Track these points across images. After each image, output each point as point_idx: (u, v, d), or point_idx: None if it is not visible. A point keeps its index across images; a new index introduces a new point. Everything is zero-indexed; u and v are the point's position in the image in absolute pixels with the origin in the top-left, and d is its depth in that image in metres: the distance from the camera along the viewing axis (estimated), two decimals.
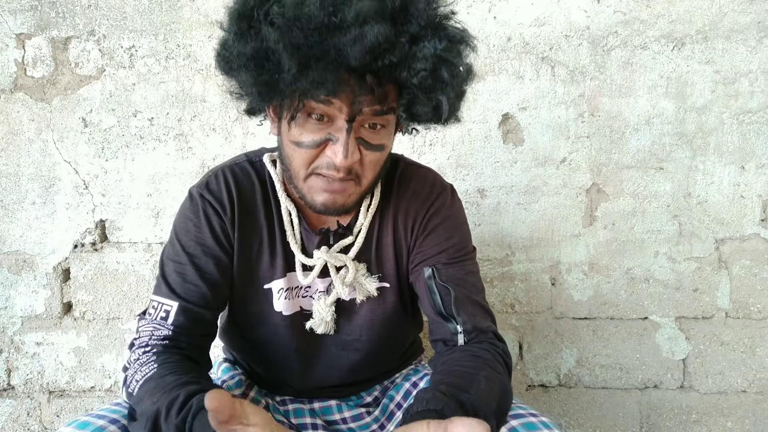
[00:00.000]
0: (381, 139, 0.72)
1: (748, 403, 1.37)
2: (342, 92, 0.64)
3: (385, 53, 0.61)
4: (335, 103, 0.65)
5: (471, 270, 0.83)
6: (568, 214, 1.36)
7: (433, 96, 0.67)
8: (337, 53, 0.60)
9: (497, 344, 0.77)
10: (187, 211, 0.81)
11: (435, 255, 0.81)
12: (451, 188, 0.88)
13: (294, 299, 0.85)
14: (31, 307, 1.42)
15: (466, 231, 0.87)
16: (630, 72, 1.31)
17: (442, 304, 0.79)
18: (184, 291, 0.76)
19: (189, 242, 0.79)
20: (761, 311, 1.35)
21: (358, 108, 0.65)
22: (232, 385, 0.92)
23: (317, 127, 0.68)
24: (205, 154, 1.37)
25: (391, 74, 0.64)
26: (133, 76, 1.35)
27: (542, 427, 0.67)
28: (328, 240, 0.83)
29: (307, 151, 0.70)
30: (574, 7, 1.30)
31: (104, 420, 0.67)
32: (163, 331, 0.74)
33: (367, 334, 0.86)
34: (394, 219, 0.84)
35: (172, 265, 0.78)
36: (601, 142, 1.33)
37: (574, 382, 1.40)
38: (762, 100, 1.29)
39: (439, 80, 0.65)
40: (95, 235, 1.40)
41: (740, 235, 1.33)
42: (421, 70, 0.63)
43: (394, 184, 0.85)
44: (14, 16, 1.34)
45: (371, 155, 0.71)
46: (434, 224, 0.83)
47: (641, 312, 1.37)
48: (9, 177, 1.39)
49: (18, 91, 1.36)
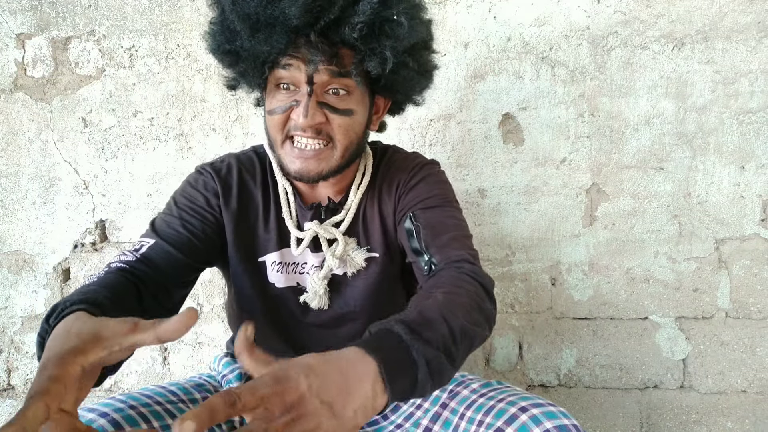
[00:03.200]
0: (347, 104, 0.78)
1: (748, 403, 1.37)
2: (297, 54, 0.73)
3: (323, 11, 0.69)
4: (293, 65, 0.74)
5: (452, 215, 0.84)
6: (568, 214, 1.36)
7: (377, 50, 0.73)
8: (283, 16, 0.68)
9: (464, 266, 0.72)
10: (189, 179, 0.90)
11: (414, 204, 0.85)
12: (435, 162, 0.94)
13: (290, 275, 0.90)
14: (31, 307, 1.42)
15: (449, 189, 0.90)
16: (630, 72, 1.31)
17: (417, 241, 0.81)
18: (165, 234, 0.80)
19: (181, 199, 0.86)
20: (761, 311, 1.35)
21: (314, 67, 0.73)
22: (232, 378, 0.92)
23: (285, 96, 0.77)
24: (205, 154, 1.37)
25: (337, 33, 0.71)
26: (133, 76, 1.36)
27: (562, 417, 0.67)
28: (320, 215, 0.88)
29: (278, 117, 0.78)
30: (574, 7, 1.30)
31: (94, 413, 0.66)
32: (128, 257, 0.75)
33: (361, 305, 0.90)
34: (379, 192, 0.90)
35: (160, 216, 0.85)
36: (601, 142, 1.33)
37: (574, 382, 1.40)
38: (762, 100, 1.29)
39: (381, 33, 0.72)
40: (95, 235, 1.40)
41: (740, 235, 1.33)
42: (358, 23, 0.70)
43: (381, 166, 0.92)
44: (14, 16, 1.34)
45: (339, 119, 0.77)
46: (415, 182, 0.88)
47: (641, 312, 1.37)
48: (9, 177, 1.39)
49: (18, 91, 1.36)
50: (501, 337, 1.40)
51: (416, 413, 0.85)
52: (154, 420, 0.71)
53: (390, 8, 0.71)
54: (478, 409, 0.73)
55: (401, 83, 0.81)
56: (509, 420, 0.67)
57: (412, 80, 0.82)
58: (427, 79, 0.86)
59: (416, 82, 0.84)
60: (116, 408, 0.68)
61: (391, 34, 0.72)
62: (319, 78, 0.74)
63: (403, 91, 0.85)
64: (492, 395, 0.74)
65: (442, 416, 0.78)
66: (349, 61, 0.75)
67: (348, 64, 0.75)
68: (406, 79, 0.80)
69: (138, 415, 0.69)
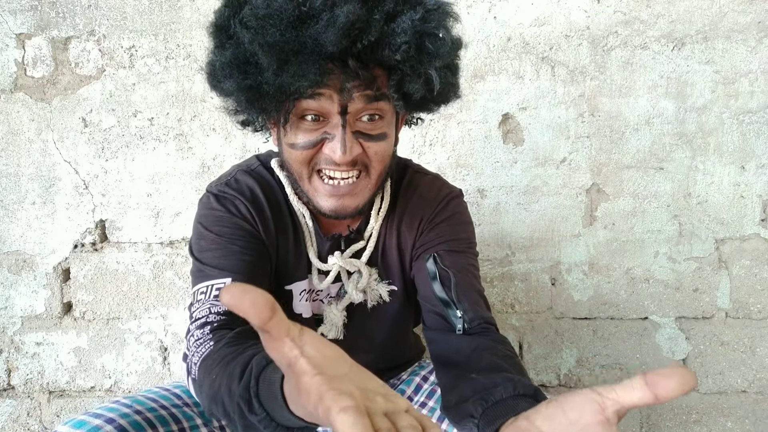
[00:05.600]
0: (381, 128, 0.71)
1: (748, 403, 1.37)
2: (329, 83, 0.64)
3: (360, 34, 0.61)
4: (324, 94, 0.65)
5: (473, 263, 0.82)
6: (568, 214, 1.36)
7: (421, 70, 0.65)
8: (314, 43, 0.60)
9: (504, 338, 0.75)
10: (213, 204, 0.78)
11: (438, 244, 0.81)
12: (459, 192, 0.88)
13: (313, 302, 0.85)
14: (31, 307, 1.42)
15: (472, 231, 0.86)
16: (630, 72, 1.31)
17: (442, 288, 0.77)
18: (233, 266, 0.72)
19: (223, 228, 0.76)
20: (761, 311, 1.35)
21: (348, 96, 0.64)
22: None
23: (312, 128, 0.68)
24: (205, 154, 1.37)
25: (374, 55, 0.63)
26: (133, 76, 1.35)
27: None
28: (340, 245, 0.82)
29: (302, 152, 0.70)
30: (574, 7, 1.30)
31: (101, 419, 0.66)
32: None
33: (378, 336, 0.88)
34: (399, 221, 0.84)
35: (209, 253, 0.74)
36: (601, 142, 1.33)
37: (574, 382, 1.40)
38: (762, 100, 1.29)
39: (422, 52, 0.64)
40: (95, 235, 1.40)
41: (740, 235, 1.33)
42: (401, 44, 0.62)
43: (401, 190, 0.85)
44: (14, 16, 1.34)
45: (375, 146, 0.70)
46: (440, 219, 0.83)
47: (641, 312, 1.37)
48: (9, 177, 1.39)
49: (18, 91, 1.36)
50: None
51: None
52: (160, 426, 0.71)
53: (430, 23, 0.64)
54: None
55: (436, 99, 0.73)
56: None
57: (448, 94, 0.74)
58: (456, 90, 0.77)
59: (451, 97, 0.76)
60: (122, 413, 0.69)
61: (434, 51, 0.64)
62: (354, 106, 0.66)
63: (432, 108, 0.76)
64: None
65: None
66: (384, 82, 0.67)
67: (383, 86, 0.67)
68: (442, 94, 0.72)
69: (144, 420, 0.70)
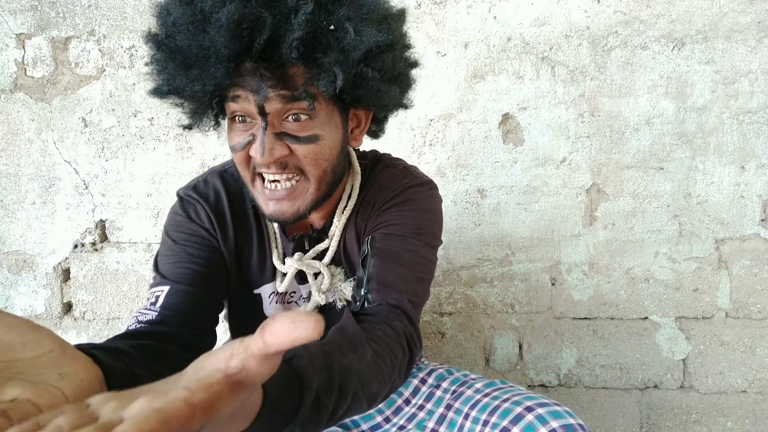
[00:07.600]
0: (310, 130, 0.68)
1: (748, 403, 1.37)
2: (245, 84, 0.64)
3: (254, 33, 0.59)
4: (241, 96, 0.65)
5: (414, 249, 0.75)
6: (568, 214, 1.36)
7: (324, 64, 0.62)
8: (214, 47, 0.60)
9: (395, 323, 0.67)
10: (176, 209, 0.81)
11: (380, 227, 0.77)
12: (425, 182, 0.83)
13: (284, 304, 0.85)
14: (31, 307, 1.42)
15: (429, 219, 0.80)
16: (630, 72, 1.31)
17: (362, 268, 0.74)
18: (176, 275, 0.74)
19: (179, 234, 0.78)
20: (761, 311, 1.35)
21: (263, 97, 0.64)
22: None
23: (243, 129, 0.69)
24: (205, 154, 1.37)
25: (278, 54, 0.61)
26: (133, 76, 1.35)
27: (567, 416, 0.67)
28: (303, 246, 0.82)
29: (239, 154, 0.70)
30: (574, 7, 1.30)
31: None
32: (147, 315, 0.69)
33: None
34: (356, 215, 0.82)
35: (164, 259, 0.77)
36: (601, 142, 1.33)
37: (574, 382, 1.40)
38: (762, 100, 1.29)
39: (324, 46, 0.61)
40: (95, 235, 1.40)
41: (740, 235, 1.33)
42: (293, 41, 0.60)
43: (366, 186, 0.83)
44: (14, 16, 1.34)
45: (303, 148, 0.68)
46: (390, 205, 0.79)
47: (641, 312, 1.37)
48: (9, 177, 1.39)
49: (18, 91, 1.36)
50: (501, 337, 1.40)
51: (419, 414, 0.85)
52: None
53: (330, 15, 0.61)
54: (483, 408, 0.73)
55: (368, 96, 0.70)
56: (515, 419, 0.67)
57: (378, 90, 0.69)
58: (400, 83, 0.74)
59: (385, 92, 0.71)
60: None
61: (336, 45, 0.62)
62: (272, 106, 0.65)
63: (374, 103, 0.72)
64: (496, 395, 0.74)
65: (447, 417, 0.78)
66: (301, 81, 0.64)
67: (299, 85, 0.64)
68: (371, 90, 0.68)
69: None
